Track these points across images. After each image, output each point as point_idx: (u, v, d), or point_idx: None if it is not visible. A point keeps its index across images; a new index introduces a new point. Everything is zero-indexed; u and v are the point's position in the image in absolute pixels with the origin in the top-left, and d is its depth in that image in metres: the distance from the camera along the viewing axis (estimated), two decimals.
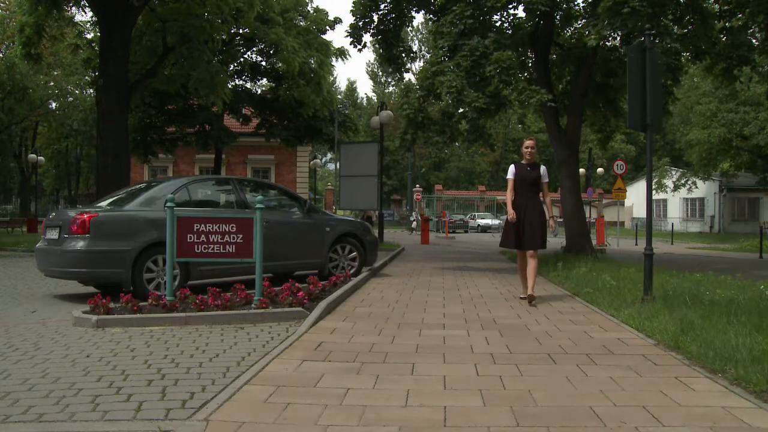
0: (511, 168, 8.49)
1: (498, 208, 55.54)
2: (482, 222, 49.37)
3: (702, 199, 49.37)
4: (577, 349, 5.40)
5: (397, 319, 6.97)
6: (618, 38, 14.40)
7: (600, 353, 5.25)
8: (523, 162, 8.44)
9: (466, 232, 46.95)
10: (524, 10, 14.90)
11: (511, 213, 8.19)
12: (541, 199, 8.32)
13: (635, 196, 46.38)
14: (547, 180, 8.33)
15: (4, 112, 32.16)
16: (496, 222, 46.73)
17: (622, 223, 49.72)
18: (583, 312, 7.53)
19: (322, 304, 7.07)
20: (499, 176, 70.78)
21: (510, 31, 15.40)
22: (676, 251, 24.57)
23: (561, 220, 22.05)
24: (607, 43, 14.66)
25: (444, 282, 11.06)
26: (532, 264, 8.19)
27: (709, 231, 46.95)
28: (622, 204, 51.97)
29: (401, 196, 67.23)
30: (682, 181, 44.67)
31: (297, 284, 7.81)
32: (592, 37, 12.67)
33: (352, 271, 10.77)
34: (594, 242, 19.23)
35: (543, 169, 8.37)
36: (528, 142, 8.45)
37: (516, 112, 27.84)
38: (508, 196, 8.37)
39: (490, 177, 72.52)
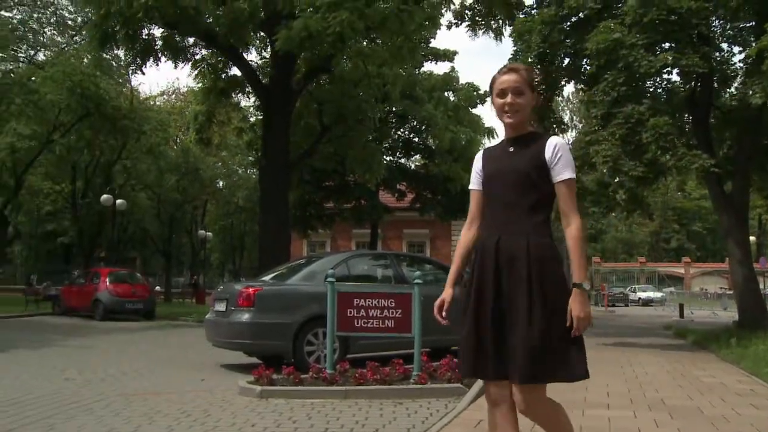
0: (477, 158, 3.27)
1: (659, 280, 52.63)
2: (643, 295, 47.02)
3: None
4: None
5: (557, 396, 6.62)
6: None
7: None
8: (503, 140, 3.23)
9: (626, 305, 44.89)
10: (679, 74, 14.43)
11: (445, 293, 3.28)
12: (540, 231, 3.02)
13: None
14: (567, 176, 3.01)
15: (179, 192, 34.97)
16: (658, 295, 44.35)
17: None
18: (766, 395, 6.88)
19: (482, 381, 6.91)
20: (659, 246, 67.51)
21: (665, 97, 14.94)
22: None
23: (731, 292, 20.58)
24: None
25: (605, 358, 10.54)
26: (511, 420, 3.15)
27: None
28: None
29: None
30: None
31: (455, 359, 7.72)
32: (758, 95, 12.02)
33: None
34: None
35: (552, 143, 3.02)
36: (504, 78, 3.05)
37: (675, 179, 26.72)
38: (459, 245, 3.31)
39: (650, 248, 69.28)
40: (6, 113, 20.60)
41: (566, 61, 16.15)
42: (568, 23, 15.14)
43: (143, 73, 30.95)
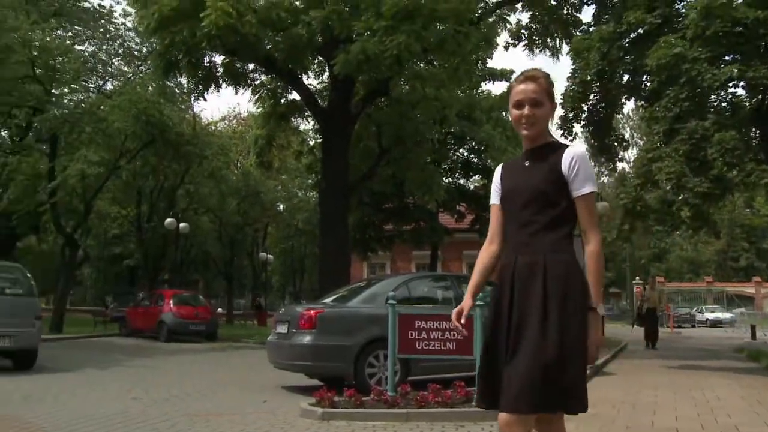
0: (496, 172, 3.12)
1: (728, 300, 50.84)
2: (711, 316, 45.52)
3: None
4: None
5: (624, 421, 6.52)
6: None
7: None
8: (521, 153, 3.06)
9: (693, 326, 43.54)
10: (744, 87, 14.05)
11: (464, 303, 3.18)
12: (562, 246, 2.82)
13: None
14: (586, 190, 2.81)
15: (240, 214, 35.63)
16: (728, 315, 42.86)
17: None
18: None
19: None
20: (727, 266, 65.38)
21: (730, 111, 14.56)
22: None
23: None
24: None
25: (673, 382, 10.23)
26: None
27: None
28: None
29: (619, 289, 64.12)
30: None
31: None
32: None
33: None
34: None
35: (569, 155, 2.85)
36: (521, 87, 2.90)
37: (742, 195, 25.93)
38: (477, 262, 3.15)
39: (717, 267, 67.20)
40: (77, 141, 21.41)
41: (626, 77, 15.91)
42: (627, 39, 14.93)
43: (205, 100, 31.88)
